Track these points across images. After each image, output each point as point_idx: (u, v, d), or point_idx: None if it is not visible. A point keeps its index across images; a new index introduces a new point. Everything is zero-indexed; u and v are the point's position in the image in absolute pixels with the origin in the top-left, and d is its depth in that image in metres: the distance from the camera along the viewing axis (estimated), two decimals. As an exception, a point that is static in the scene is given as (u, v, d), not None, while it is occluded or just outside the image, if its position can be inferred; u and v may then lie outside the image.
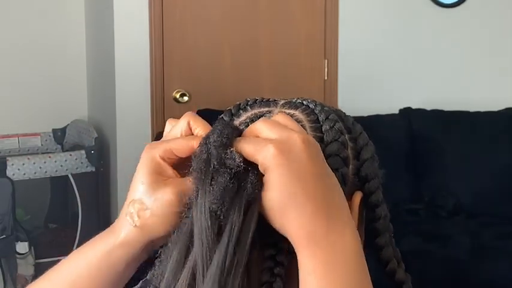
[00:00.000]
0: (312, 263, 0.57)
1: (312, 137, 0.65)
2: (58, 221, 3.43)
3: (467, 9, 3.67)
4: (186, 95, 3.40)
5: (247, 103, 0.72)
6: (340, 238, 0.58)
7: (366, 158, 0.70)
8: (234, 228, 0.57)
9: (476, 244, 2.92)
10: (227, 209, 0.57)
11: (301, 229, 0.57)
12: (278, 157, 0.57)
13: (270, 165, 0.58)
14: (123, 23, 3.29)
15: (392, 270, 0.71)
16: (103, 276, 0.65)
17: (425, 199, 3.31)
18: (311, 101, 0.71)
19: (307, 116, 0.69)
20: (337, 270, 0.57)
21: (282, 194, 0.57)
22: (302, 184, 0.57)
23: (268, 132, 0.60)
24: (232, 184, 0.58)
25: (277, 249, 0.60)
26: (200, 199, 0.59)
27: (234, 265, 0.56)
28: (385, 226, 0.71)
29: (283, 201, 0.57)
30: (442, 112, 3.49)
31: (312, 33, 3.55)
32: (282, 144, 0.58)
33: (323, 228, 0.58)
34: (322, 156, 0.61)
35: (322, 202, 0.58)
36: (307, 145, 0.59)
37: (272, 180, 0.58)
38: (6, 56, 3.61)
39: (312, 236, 0.57)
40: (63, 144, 3.58)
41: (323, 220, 0.58)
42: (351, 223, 0.60)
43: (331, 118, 0.68)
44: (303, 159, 0.58)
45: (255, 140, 0.60)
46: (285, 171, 0.57)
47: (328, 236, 0.58)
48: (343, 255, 0.58)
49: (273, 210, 0.58)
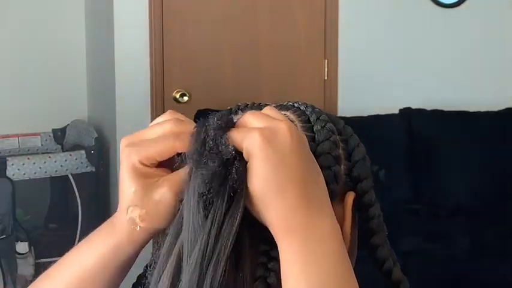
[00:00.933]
0: (292, 254, 0.57)
1: None
2: (58, 221, 3.42)
3: (467, 9, 3.67)
4: (186, 95, 3.40)
5: (238, 107, 0.72)
6: (320, 229, 0.58)
7: (357, 159, 0.70)
8: (216, 214, 0.57)
9: (476, 244, 2.92)
10: (212, 196, 0.57)
11: (281, 219, 0.57)
12: (262, 144, 0.57)
13: (254, 152, 0.57)
14: (123, 23, 3.28)
15: (388, 269, 0.70)
16: (110, 270, 0.66)
17: (425, 199, 3.31)
18: (302, 103, 0.72)
19: (298, 117, 0.69)
20: (317, 261, 0.57)
21: (264, 182, 0.57)
22: (285, 172, 0.57)
23: (256, 122, 0.60)
24: (220, 171, 0.58)
25: (271, 244, 0.60)
26: (192, 182, 0.59)
27: (216, 253, 0.56)
28: (379, 225, 0.71)
29: (265, 189, 0.57)
30: (442, 112, 3.49)
31: (312, 33, 3.54)
32: (268, 132, 0.58)
33: (303, 218, 0.58)
34: (308, 148, 0.61)
35: (304, 192, 0.58)
36: (293, 134, 0.59)
37: (255, 167, 0.57)
38: (6, 56, 3.61)
39: (291, 226, 0.57)
40: (63, 144, 3.58)
41: (303, 210, 0.58)
42: (331, 213, 0.60)
43: (322, 118, 0.68)
44: (287, 147, 0.58)
45: (242, 128, 0.60)
46: (268, 159, 0.57)
47: (308, 227, 0.58)
48: (323, 246, 0.58)
49: (255, 198, 0.58)
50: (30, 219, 3.27)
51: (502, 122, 3.49)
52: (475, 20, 3.69)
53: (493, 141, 3.41)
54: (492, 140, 3.41)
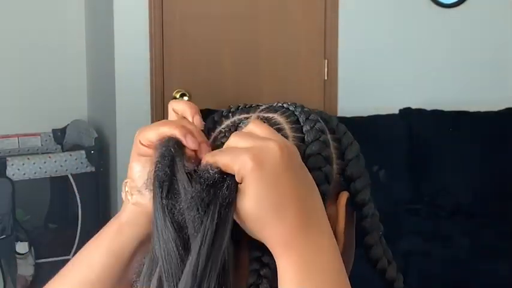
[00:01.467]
0: (290, 270, 0.57)
1: (293, 137, 0.66)
2: (58, 221, 3.42)
3: (467, 9, 3.67)
4: (186, 95, 3.40)
5: (229, 110, 0.72)
6: (317, 245, 0.58)
7: (350, 158, 0.69)
8: (206, 233, 0.56)
9: (476, 244, 2.92)
10: (201, 216, 0.57)
11: (279, 237, 0.57)
12: (254, 167, 0.56)
13: (246, 175, 0.57)
14: (123, 23, 3.29)
15: (382, 268, 0.70)
16: (116, 257, 0.68)
17: (425, 199, 3.31)
18: (291, 104, 0.71)
19: (286, 118, 0.68)
20: (316, 276, 0.57)
21: (259, 204, 0.57)
22: (280, 192, 0.57)
23: (243, 143, 0.59)
24: (206, 193, 0.57)
25: (263, 251, 0.60)
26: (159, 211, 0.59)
27: (207, 271, 0.56)
28: (373, 225, 0.70)
29: (261, 210, 0.57)
30: (442, 112, 3.49)
31: (312, 33, 3.54)
32: (258, 153, 0.57)
33: (301, 235, 0.57)
34: (300, 161, 0.60)
35: (301, 209, 0.58)
36: (283, 152, 0.58)
37: (249, 189, 0.57)
38: (6, 56, 3.61)
39: (290, 243, 0.57)
40: (63, 144, 3.58)
41: (301, 228, 0.57)
42: (328, 229, 0.60)
43: (311, 118, 0.68)
44: (279, 167, 0.57)
45: (231, 150, 0.59)
46: (262, 181, 0.57)
47: (306, 243, 0.57)
48: (321, 261, 0.58)
49: (250, 219, 0.57)
50: (30, 219, 3.27)
51: (502, 122, 3.49)
52: (475, 20, 3.69)
53: (493, 141, 3.41)
54: (492, 140, 3.41)
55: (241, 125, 0.68)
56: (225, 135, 0.67)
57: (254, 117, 0.69)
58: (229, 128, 0.68)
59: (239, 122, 0.69)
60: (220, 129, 0.69)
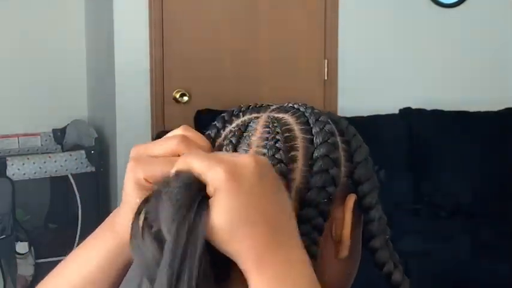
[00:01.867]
0: (262, 286, 0.56)
1: (302, 139, 0.66)
2: (58, 221, 3.42)
3: (467, 9, 3.67)
4: (186, 95, 3.40)
5: (240, 109, 0.71)
6: (289, 258, 0.57)
7: (359, 161, 0.69)
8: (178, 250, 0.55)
9: (476, 244, 2.92)
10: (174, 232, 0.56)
11: (251, 251, 0.56)
12: (228, 177, 0.56)
13: (219, 188, 0.56)
14: (123, 23, 3.29)
15: (388, 272, 0.70)
16: (111, 273, 0.67)
17: (425, 199, 3.31)
18: (302, 104, 0.70)
19: (297, 119, 0.68)
20: None
21: (230, 216, 0.56)
22: (253, 205, 0.56)
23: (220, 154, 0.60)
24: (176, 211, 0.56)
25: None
26: None
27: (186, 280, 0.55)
28: (380, 228, 0.70)
29: (232, 224, 0.56)
30: (442, 112, 3.49)
31: (312, 33, 3.55)
32: (232, 165, 0.56)
33: (273, 249, 0.57)
34: (274, 173, 0.59)
35: (273, 223, 0.57)
36: (258, 165, 0.57)
37: (221, 203, 0.56)
38: (6, 56, 3.61)
39: (261, 258, 0.56)
40: (63, 144, 3.58)
41: (273, 241, 0.57)
42: (299, 242, 0.59)
43: (321, 120, 0.67)
44: (253, 180, 0.56)
45: (207, 156, 0.58)
46: (235, 193, 0.56)
47: (277, 257, 0.57)
48: (293, 275, 0.57)
49: (220, 234, 0.56)
50: (30, 219, 3.27)
51: (502, 122, 3.49)
52: (475, 20, 3.69)
53: (493, 141, 3.41)
54: (492, 140, 3.41)
55: (251, 125, 0.68)
56: (235, 134, 0.67)
57: (265, 117, 0.68)
58: (239, 127, 0.68)
59: (249, 122, 0.68)
60: (230, 128, 0.69)
